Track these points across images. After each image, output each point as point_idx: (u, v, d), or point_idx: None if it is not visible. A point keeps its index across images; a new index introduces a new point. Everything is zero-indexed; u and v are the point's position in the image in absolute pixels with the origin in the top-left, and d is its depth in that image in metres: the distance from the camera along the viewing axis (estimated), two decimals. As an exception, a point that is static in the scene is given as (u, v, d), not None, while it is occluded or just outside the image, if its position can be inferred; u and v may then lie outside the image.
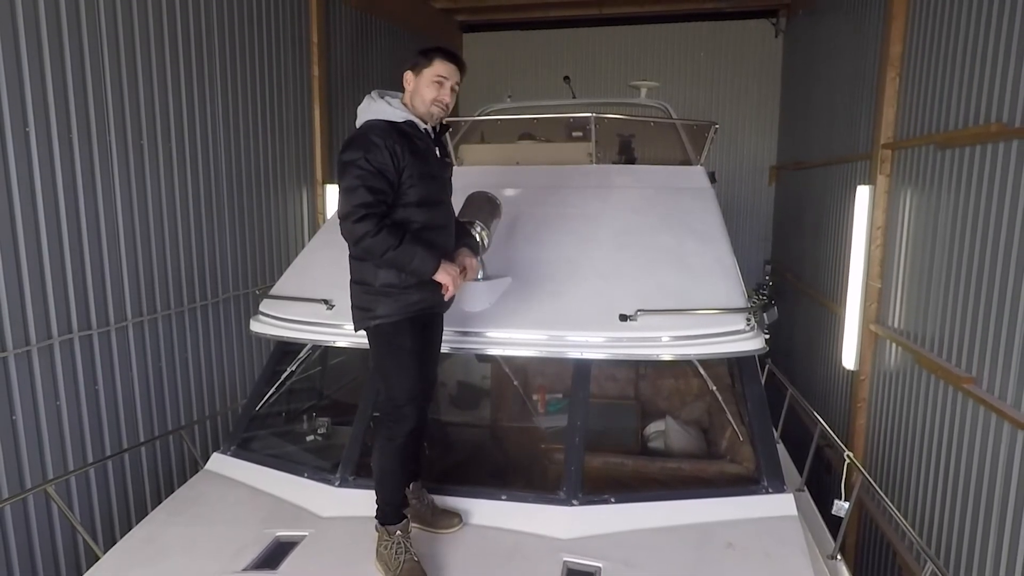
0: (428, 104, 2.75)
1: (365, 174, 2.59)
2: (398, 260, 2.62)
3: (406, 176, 2.66)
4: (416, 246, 2.63)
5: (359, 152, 2.62)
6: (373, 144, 2.62)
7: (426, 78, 2.75)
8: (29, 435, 4.20)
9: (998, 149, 4.07)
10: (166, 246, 5.29)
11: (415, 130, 2.75)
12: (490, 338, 3.22)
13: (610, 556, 2.73)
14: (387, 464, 2.78)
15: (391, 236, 2.59)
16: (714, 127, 4.66)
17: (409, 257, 2.62)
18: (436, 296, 2.78)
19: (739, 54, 11.13)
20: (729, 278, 3.38)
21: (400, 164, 2.64)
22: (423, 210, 2.72)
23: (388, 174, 2.62)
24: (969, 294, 4.36)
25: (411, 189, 2.68)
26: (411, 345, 2.76)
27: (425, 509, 2.96)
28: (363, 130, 2.71)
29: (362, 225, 2.57)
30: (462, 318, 3.21)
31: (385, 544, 2.69)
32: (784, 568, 2.68)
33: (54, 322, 4.34)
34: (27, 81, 4.08)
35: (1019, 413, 3.74)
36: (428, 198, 2.73)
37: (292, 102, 6.90)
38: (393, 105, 2.76)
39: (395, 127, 2.70)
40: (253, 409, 3.72)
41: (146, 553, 2.85)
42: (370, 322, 2.76)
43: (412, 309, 2.74)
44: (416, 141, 2.73)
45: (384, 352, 2.81)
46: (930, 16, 5.12)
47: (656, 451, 3.90)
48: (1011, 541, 3.81)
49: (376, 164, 2.60)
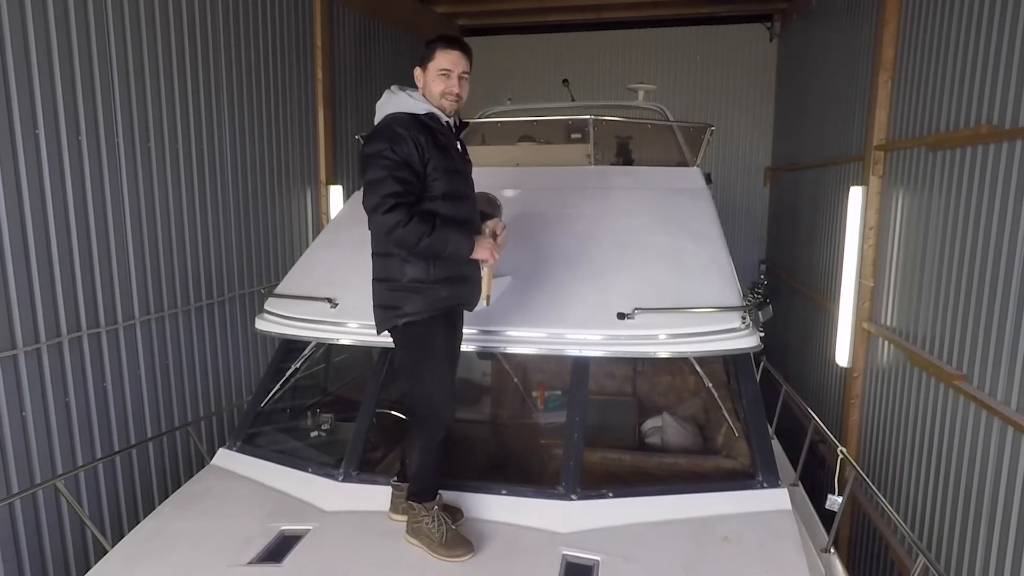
0: (438, 98, 2.70)
1: (392, 164, 2.52)
2: (434, 246, 2.55)
3: (430, 169, 2.60)
4: (449, 230, 2.56)
5: (384, 143, 2.55)
6: (398, 135, 2.55)
7: (431, 72, 2.70)
8: (39, 431, 4.23)
9: (988, 150, 4.10)
10: (173, 246, 5.32)
11: (437, 123, 2.70)
12: (491, 336, 3.23)
13: (608, 550, 2.75)
14: (428, 459, 2.83)
15: (423, 223, 2.51)
16: (710, 129, 4.66)
17: (444, 241, 2.55)
18: (466, 291, 2.76)
19: (734, 57, 11.17)
20: (725, 277, 3.39)
21: (425, 156, 2.58)
22: (448, 203, 2.65)
23: (414, 165, 2.56)
24: (960, 293, 4.38)
25: (435, 183, 2.62)
26: (443, 342, 2.73)
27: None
28: (386, 122, 2.64)
29: (393, 215, 2.49)
30: (463, 317, 3.26)
31: (424, 521, 2.75)
32: (778, 561, 2.69)
33: (63, 320, 4.37)
34: (37, 84, 4.12)
35: (1009, 410, 3.77)
36: (453, 192, 2.67)
37: (297, 105, 6.94)
38: (415, 98, 2.70)
39: (417, 120, 2.65)
40: (258, 405, 3.75)
41: (154, 546, 2.88)
42: (398, 320, 2.67)
43: (442, 305, 2.69)
44: (439, 135, 2.68)
45: (416, 352, 2.75)
46: (922, 20, 5.14)
47: (653, 447, 3.93)
48: (1000, 534, 3.85)
49: (402, 155, 2.53)
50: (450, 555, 2.70)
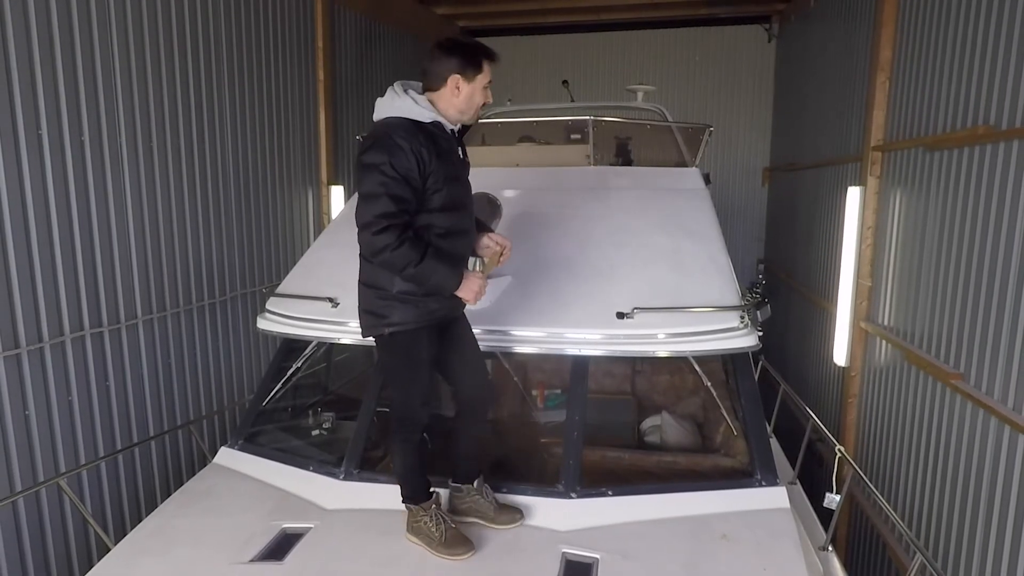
0: (473, 111, 2.63)
1: (389, 181, 2.41)
2: (418, 276, 2.47)
3: (431, 181, 2.50)
4: (439, 263, 2.47)
5: (383, 155, 2.43)
6: (398, 147, 2.43)
7: (479, 86, 2.59)
8: (42, 429, 4.25)
9: (985, 151, 4.10)
10: (175, 246, 5.34)
11: (441, 131, 2.60)
12: (491, 335, 3.23)
13: (607, 547, 2.76)
14: (408, 461, 2.84)
15: (412, 250, 2.42)
16: (709, 130, 4.66)
17: (430, 273, 2.47)
18: (455, 304, 2.71)
19: (733, 59, 11.20)
20: (723, 277, 3.39)
21: (427, 169, 2.48)
22: (446, 215, 2.58)
23: (413, 181, 2.45)
24: (957, 292, 4.39)
25: (436, 194, 2.53)
26: (427, 355, 2.69)
27: (487, 504, 2.93)
28: (387, 130, 2.50)
29: (382, 237, 2.40)
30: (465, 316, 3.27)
31: (423, 520, 2.76)
32: (777, 559, 2.70)
33: (66, 319, 4.38)
34: (40, 86, 4.14)
35: (1005, 408, 3.78)
36: (452, 203, 2.60)
37: (298, 106, 6.96)
38: (420, 104, 2.56)
39: (421, 127, 2.53)
40: (260, 404, 3.76)
41: (156, 544, 2.89)
42: (384, 329, 2.62)
43: (431, 317, 2.64)
44: (442, 141, 2.58)
45: (398, 361, 2.72)
46: (919, 22, 5.15)
47: (652, 445, 3.95)
48: (998, 533, 3.86)
49: (401, 170, 2.42)
50: (450, 553, 2.71)
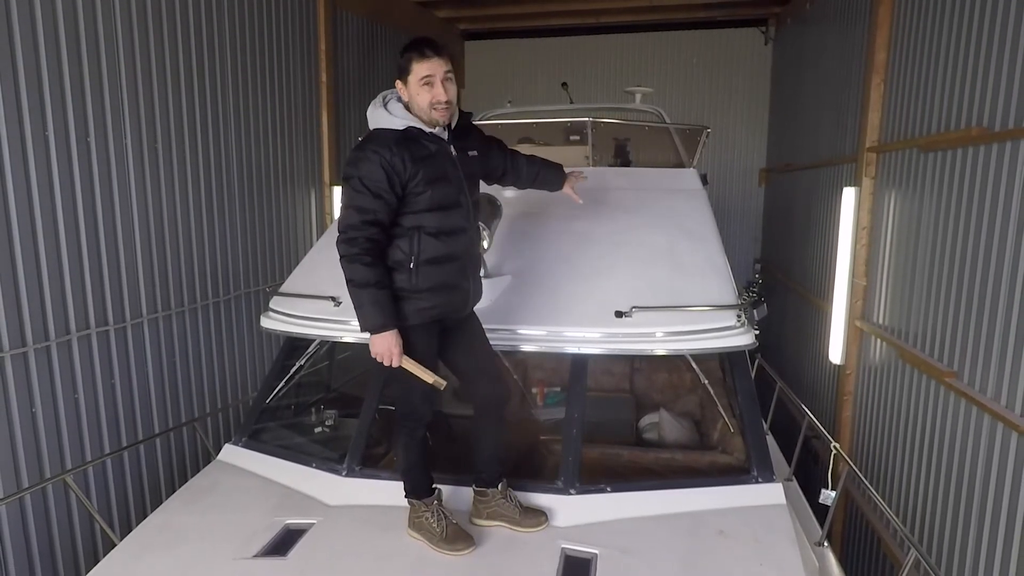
0: (427, 110, 2.60)
1: (355, 194, 2.52)
2: (352, 296, 2.56)
3: (413, 184, 2.55)
4: (373, 302, 2.51)
5: (353, 168, 2.55)
6: (367, 160, 2.52)
7: (413, 85, 2.59)
8: (48, 427, 4.27)
9: (979, 152, 4.12)
10: (180, 245, 5.36)
11: (420, 132, 2.62)
12: (491, 334, 3.18)
13: (606, 543, 2.78)
14: (412, 457, 2.87)
15: (360, 272, 2.50)
16: (706, 131, 4.68)
17: (360, 302, 2.53)
18: (454, 300, 2.73)
19: (730, 61, 11.21)
20: (720, 276, 3.40)
21: (404, 175, 2.54)
22: (435, 215, 2.63)
23: (383, 192, 2.51)
24: (951, 292, 4.41)
25: (420, 196, 2.58)
26: (423, 349, 2.70)
27: (511, 508, 2.93)
28: (363, 143, 2.61)
29: (343, 246, 2.52)
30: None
31: (424, 516, 2.80)
32: (773, 554, 2.72)
33: (72, 318, 4.41)
34: (47, 86, 4.17)
35: (998, 406, 3.79)
36: (440, 202, 2.63)
37: (301, 107, 6.99)
38: (394, 112, 2.62)
39: (400, 134, 2.59)
40: (263, 402, 3.79)
41: (161, 540, 2.92)
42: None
43: (425, 315, 2.67)
44: (425, 144, 2.61)
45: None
46: (914, 24, 5.17)
47: (650, 442, 3.97)
48: (991, 529, 3.88)
49: (368, 183, 2.51)
50: (451, 549, 2.74)
